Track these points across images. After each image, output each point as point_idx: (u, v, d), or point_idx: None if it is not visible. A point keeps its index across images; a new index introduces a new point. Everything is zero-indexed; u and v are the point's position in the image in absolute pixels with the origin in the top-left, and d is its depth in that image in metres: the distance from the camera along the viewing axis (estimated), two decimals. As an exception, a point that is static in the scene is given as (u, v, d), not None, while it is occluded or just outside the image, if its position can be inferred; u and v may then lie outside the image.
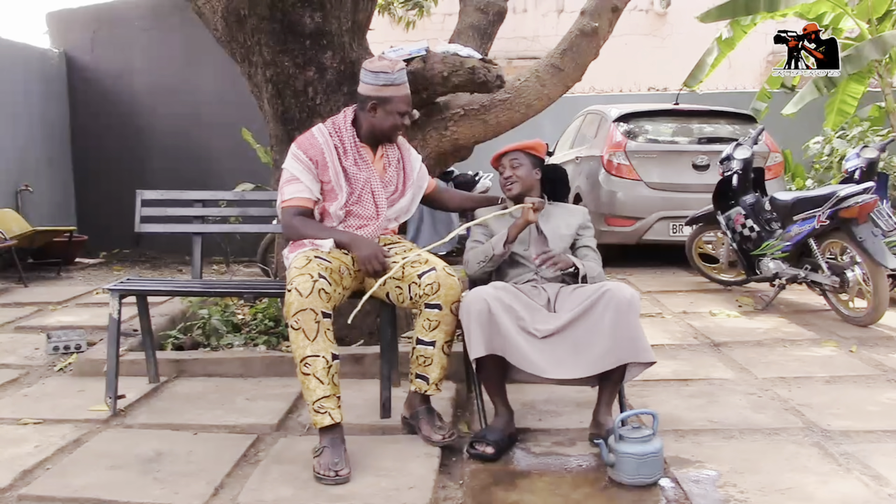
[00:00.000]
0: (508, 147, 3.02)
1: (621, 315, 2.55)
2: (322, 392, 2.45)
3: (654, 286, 5.72)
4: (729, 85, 10.08)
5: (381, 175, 2.83)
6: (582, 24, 3.89)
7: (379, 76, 2.70)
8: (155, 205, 3.54)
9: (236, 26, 3.57)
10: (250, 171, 6.94)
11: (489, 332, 2.57)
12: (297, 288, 2.45)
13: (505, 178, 2.98)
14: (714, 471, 2.49)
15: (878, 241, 4.22)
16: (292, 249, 2.75)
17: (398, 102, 2.73)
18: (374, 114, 2.74)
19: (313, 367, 2.44)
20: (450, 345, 2.71)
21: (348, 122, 2.81)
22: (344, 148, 2.78)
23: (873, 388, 3.32)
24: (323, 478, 2.38)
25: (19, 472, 2.50)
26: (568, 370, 2.58)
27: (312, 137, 2.79)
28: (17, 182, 7.31)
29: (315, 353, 2.44)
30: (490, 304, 2.59)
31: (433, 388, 2.73)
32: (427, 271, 2.64)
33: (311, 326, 2.43)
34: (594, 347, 2.57)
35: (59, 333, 4.02)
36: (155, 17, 7.82)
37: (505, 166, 2.99)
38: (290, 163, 2.78)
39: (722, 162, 5.26)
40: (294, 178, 2.75)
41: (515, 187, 2.96)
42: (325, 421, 2.46)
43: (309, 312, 2.43)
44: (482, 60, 3.52)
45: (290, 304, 2.44)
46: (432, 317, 2.63)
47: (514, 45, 12.62)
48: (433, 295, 2.61)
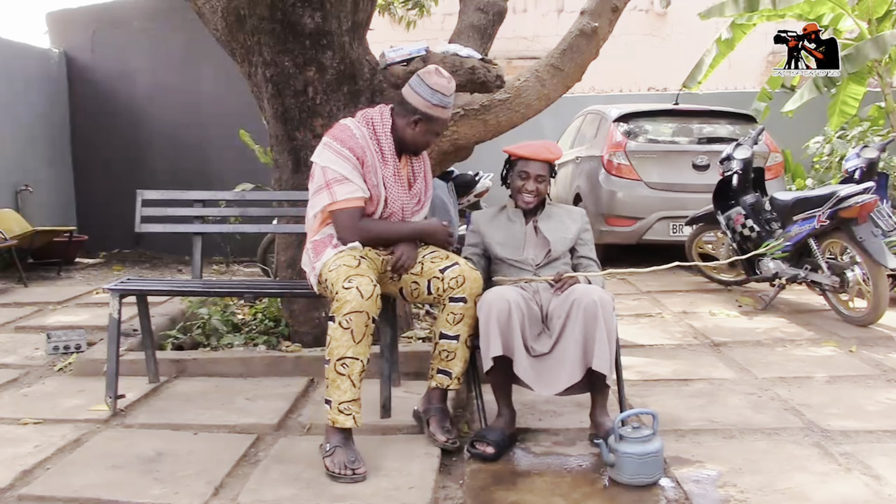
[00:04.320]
0: (538, 156, 2.87)
1: (588, 321, 2.56)
2: (352, 395, 2.45)
3: (654, 286, 5.73)
4: (729, 85, 10.07)
5: (408, 185, 2.79)
6: (582, 24, 3.90)
7: (435, 95, 2.62)
8: (155, 205, 3.54)
9: (236, 26, 3.57)
10: (250, 171, 6.94)
11: (507, 333, 2.57)
12: (360, 288, 2.41)
13: (527, 191, 2.87)
14: (714, 471, 2.49)
15: (878, 241, 4.22)
16: (318, 248, 2.68)
17: (441, 124, 2.70)
18: (415, 127, 2.67)
19: (351, 368, 2.43)
20: (472, 339, 2.71)
21: (387, 128, 2.70)
22: (383, 155, 2.69)
23: (873, 387, 3.32)
24: (339, 476, 2.38)
25: (19, 472, 2.50)
26: (554, 386, 2.60)
27: (352, 135, 2.65)
28: (17, 182, 7.30)
29: (356, 356, 2.43)
30: (512, 306, 2.58)
31: (455, 383, 2.74)
32: (451, 265, 2.66)
33: (361, 329, 2.42)
34: (570, 357, 2.58)
35: (59, 333, 4.02)
36: (155, 17, 7.82)
37: (529, 176, 2.86)
38: (332, 160, 2.62)
39: (722, 162, 5.26)
40: (343, 178, 2.61)
41: (534, 202, 2.90)
42: (348, 423, 2.46)
43: (364, 315, 2.41)
44: (482, 60, 3.52)
45: (347, 301, 2.40)
46: (457, 310, 2.64)
47: (514, 45, 12.61)
48: (458, 288, 2.63)
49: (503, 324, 2.56)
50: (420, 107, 2.63)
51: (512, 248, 2.88)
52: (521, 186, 2.88)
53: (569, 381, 2.59)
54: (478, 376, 2.89)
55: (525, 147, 2.91)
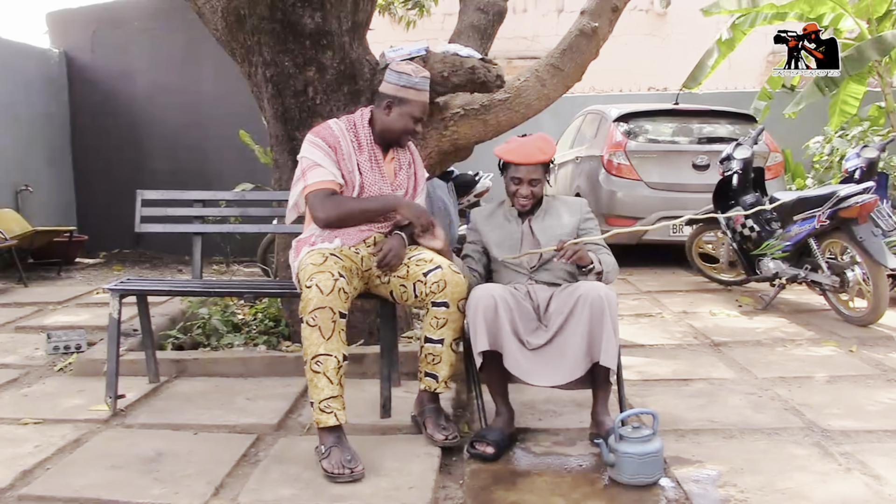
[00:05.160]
0: (530, 159, 2.77)
1: (594, 315, 2.55)
2: (330, 392, 2.45)
3: (654, 286, 5.73)
4: (729, 85, 10.07)
5: (392, 179, 2.82)
6: (582, 24, 3.90)
7: (402, 77, 2.71)
8: (155, 205, 3.54)
9: (236, 26, 3.57)
10: (250, 171, 6.95)
11: (494, 328, 2.58)
12: (319, 285, 2.43)
13: (522, 196, 2.81)
14: (714, 470, 2.49)
15: (878, 240, 4.22)
16: (299, 247, 2.74)
17: (414, 106, 2.74)
18: (388, 112, 2.74)
19: (324, 365, 2.44)
20: (458, 342, 2.72)
21: (365, 121, 2.81)
22: (359, 143, 2.77)
23: (873, 387, 3.32)
24: (337, 476, 2.37)
25: (19, 472, 2.50)
26: (552, 377, 2.60)
27: (328, 127, 2.77)
28: (17, 182, 7.31)
29: (328, 353, 2.44)
30: (497, 301, 2.59)
31: (442, 386, 2.74)
32: (433, 269, 2.64)
33: (328, 325, 2.43)
34: (574, 351, 2.58)
35: (59, 333, 4.02)
36: (155, 17, 7.82)
37: (522, 181, 2.80)
38: (308, 150, 2.74)
39: (722, 162, 5.26)
40: (315, 164, 2.70)
41: (530, 204, 2.85)
42: (331, 421, 2.46)
43: (327, 311, 2.42)
44: (482, 60, 3.52)
45: (309, 300, 2.43)
46: (440, 315, 2.64)
47: (514, 45, 12.61)
48: (440, 293, 2.61)
49: (489, 319, 2.56)
50: (388, 91, 2.73)
51: (507, 249, 2.87)
52: (515, 191, 2.83)
53: (571, 375, 2.58)
54: (478, 376, 2.88)
55: (515, 150, 2.81)
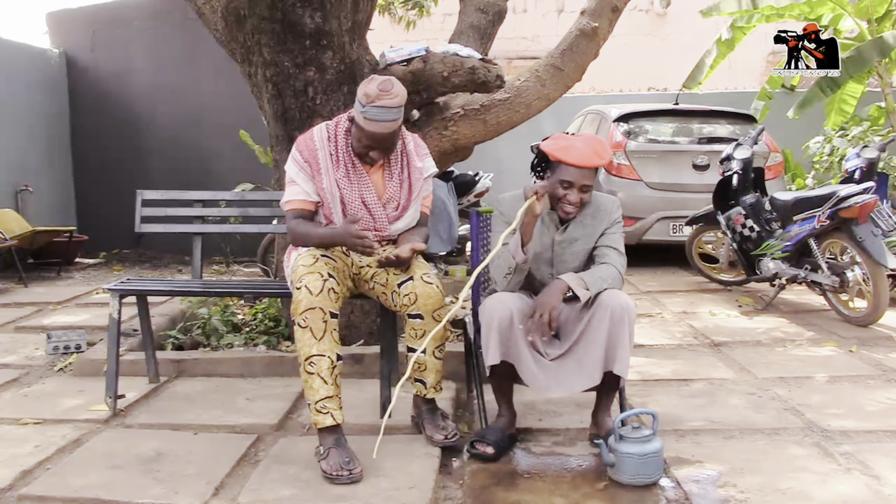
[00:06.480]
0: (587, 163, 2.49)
1: (614, 324, 2.51)
2: (325, 392, 2.45)
3: (654, 286, 5.73)
4: (729, 85, 10.07)
5: (379, 189, 2.71)
6: (582, 24, 3.90)
7: (361, 97, 2.52)
8: (155, 205, 3.54)
9: (236, 26, 3.57)
10: (250, 172, 6.94)
11: (508, 341, 2.53)
12: (308, 286, 2.43)
13: (570, 202, 2.54)
14: (714, 471, 2.49)
15: (878, 241, 4.22)
16: (291, 251, 2.75)
17: (369, 137, 2.56)
18: (352, 126, 2.64)
19: (318, 366, 2.43)
20: (441, 349, 2.71)
21: (342, 130, 2.69)
22: (337, 157, 2.67)
23: (873, 387, 3.32)
24: (336, 478, 2.37)
25: (19, 472, 2.50)
26: (569, 387, 2.58)
27: (310, 139, 2.71)
28: (17, 182, 7.30)
29: (321, 353, 2.43)
30: (514, 314, 2.53)
31: (432, 391, 2.74)
32: (404, 281, 2.61)
33: (319, 326, 2.42)
34: (592, 360, 2.55)
35: (59, 333, 4.02)
36: (155, 17, 7.82)
37: (573, 185, 2.51)
38: (289, 163, 2.73)
39: (722, 162, 5.26)
40: (291, 181, 2.72)
41: (576, 212, 2.59)
42: (327, 421, 2.45)
43: (318, 311, 2.42)
44: (482, 60, 3.52)
45: (299, 301, 2.43)
46: (416, 326, 2.62)
47: (514, 45, 12.61)
48: (412, 305, 2.59)
49: (504, 331, 2.52)
50: (355, 107, 2.58)
51: (539, 261, 2.69)
52: (563, 196, 2.54)
53: (589, 383, 2.57)
54: (478, 376, 2.88)
55: (570, 150, 2.50)
